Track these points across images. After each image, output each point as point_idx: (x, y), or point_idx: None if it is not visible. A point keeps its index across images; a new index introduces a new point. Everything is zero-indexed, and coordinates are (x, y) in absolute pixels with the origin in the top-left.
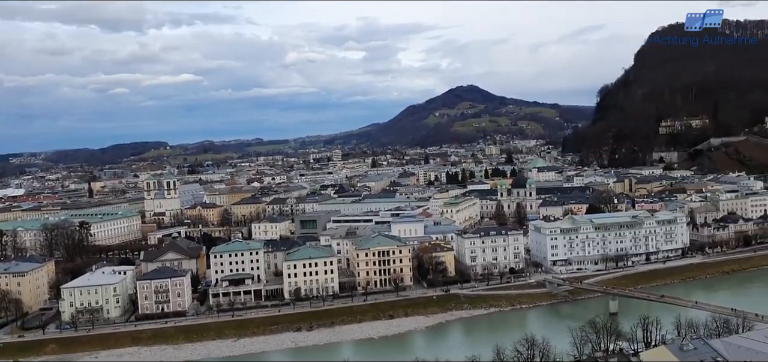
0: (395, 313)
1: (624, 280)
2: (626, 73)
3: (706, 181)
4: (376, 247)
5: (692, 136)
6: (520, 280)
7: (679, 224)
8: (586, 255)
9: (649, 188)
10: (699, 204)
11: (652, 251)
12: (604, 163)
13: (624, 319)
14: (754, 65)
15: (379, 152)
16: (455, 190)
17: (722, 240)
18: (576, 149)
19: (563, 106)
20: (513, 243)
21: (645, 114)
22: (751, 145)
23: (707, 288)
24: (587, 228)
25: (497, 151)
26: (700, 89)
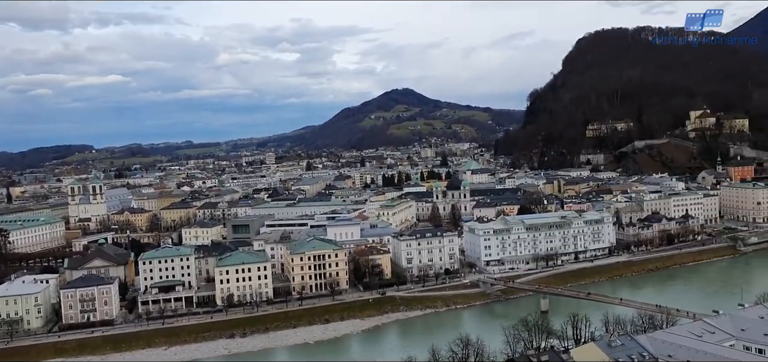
0: (331, 317)
1: (554, 279)
2: (555, 77)
3: (631, 182)
4: (311, 251)
5: (617, 138)
6: (455, 281)
7: (606, 224)
8: (518, 255)
9: (577, 189)
10: (624, 204)
11: (580, 250)
12: (535, 165)
13: (555, 317)
14: (675, 71)
15: (314, 155)
16: (391, 193)
17: (646, 239)
18: (508, 152)
19: (495, 110)
20: (448, 244)
21: (573, 117)
22: (673, 147)
23: (633, 286)
24: (519, 228)
25: (432, 154)
26: (624, 94)
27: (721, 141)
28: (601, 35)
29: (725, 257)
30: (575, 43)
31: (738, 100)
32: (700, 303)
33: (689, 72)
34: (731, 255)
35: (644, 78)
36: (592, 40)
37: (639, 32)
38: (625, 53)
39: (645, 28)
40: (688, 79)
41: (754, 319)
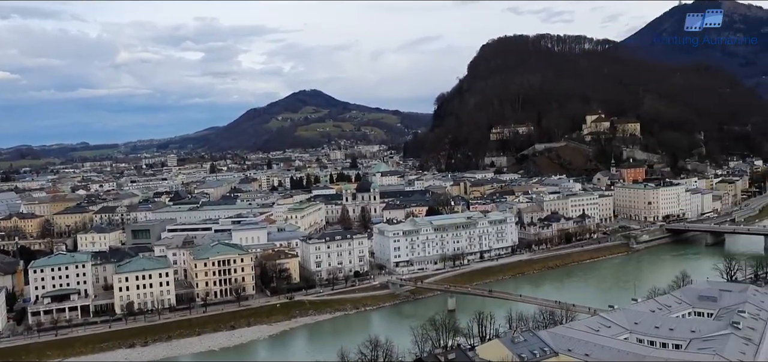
0: (237, 323)
1: (461, 278)
2: (461, 82)
3: (532, 183)
4: (215, 256)
5: (519, 141)
6: (365, 283)
7: (509, 224)
8: (427, 256)
9: (482, 190)
10: (526, 205)
11: (485, 249)
12: (442, 167)
13: (461, 315)
14: (572, 77)
15: (218, 157)
16: (300, 195)
17: (547, 238)
18: (416, 154)
19: (404, 113)
20: (358, 246)
21: (478, 121)
22: (571, 150)
23: (534, 283)
24: (427, 229)
25: (342, 156)
26: (525, 99)
27: (615, 144)
28: (504, 42)
29: (619, 254)
30: (480, 49)
31: (630, 106)
32: (596, 298)
33: (585, 78)
34: (625, 252)
35: (544, 84)
36: (495, 47)
37: (539, 40)
38: (526, 60)
39: (545, 35)
40: (583, 85)
41: (646, 313)
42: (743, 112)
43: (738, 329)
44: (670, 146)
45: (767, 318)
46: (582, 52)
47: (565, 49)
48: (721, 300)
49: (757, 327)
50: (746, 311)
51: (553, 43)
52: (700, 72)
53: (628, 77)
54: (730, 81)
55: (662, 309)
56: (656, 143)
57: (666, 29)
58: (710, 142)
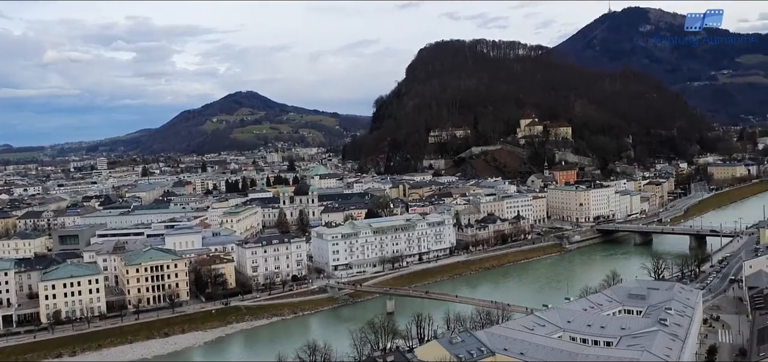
0: (171, 330)
1: (400, 280)
2: (399, 85)
3: (469, 185)
4: (148, 262)
5: (456, 144)
6: (302, 287)
7: (447, 225)
8: (366, 259)
9: (421, 193)
10: (463, 206)
11: (424, 251)
12: (381, 169)
13: (400, 318)
14: (507, 82)
15: (150, 160)
16: (235, 199)
17: (483, 239)
18: (355, 156)
19: (343, 115)
20: (296, 250)
21: (416, 124)
22: (506, 153)
23: (472, 283)
24: (366, 232)
25: (279, 159)
26: (462, 103)
27: (548, 147)
28: (441, 46)
29: (552, 254)
30: (417, 53)
31: (562, 110)
32: (531, 297)
33: (519, 83)
34: (558, 252)
35: (480, 87)
36: (433, 51)
37: (475, 45)
38: (463, 64)
39: (480, 41)
40: (518, 90)
41: (579, 312)
42: (669, 117)
43: (665, 326)
44: (600, 149)
45: (692, 315)
46: (516, 58)
47: (500, 54)
48: (650, 299)
49: (683, 324)
50: (673, 308)
51: (489, 48)
52: (627, 78)
53: (560, 82)
54: (657, 86)
55: (594, 308)
56: (587, 146)
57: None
58: (638, 146)
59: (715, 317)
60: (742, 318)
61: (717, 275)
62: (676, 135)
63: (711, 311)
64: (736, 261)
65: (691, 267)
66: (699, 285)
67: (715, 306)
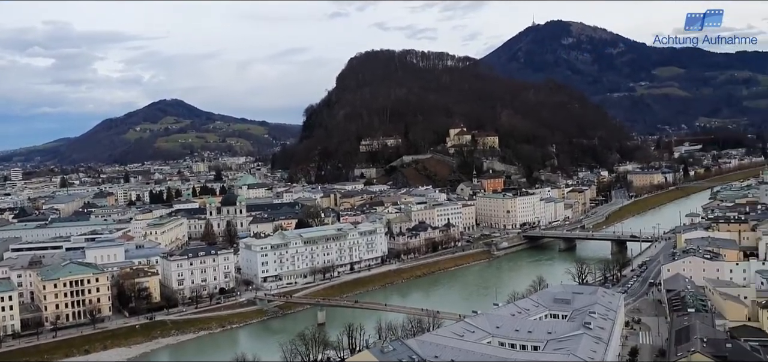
0: (92, 348)
1: (331, 290)
2: (329, 94)
3: (400, 194)
4: (66, 277)
5: (388, 153)
6: (231, 300)
7: (379, 234)
8: (296, 270)
9: (352, 202)
10: (395, 215)
11: (355, 261)
12: (312, 179)
13: (331, 328)
14: (436, 92)
15: (70, 170)
16: (160, 210)
17: (415, 247)
18: (285, 166)
19: (272, 124)
20: (223, 262)
21: (347, 133)
22: (436, 161)
23: (403, 292)
24: (297, 242)
25: (205, 168)
26: (393, 112)
27: (476, 156)
28: (371, 56)
29: (482, 261)
30: (348, 62)
31: (489, 120)
32: (461, 304)
33: (448, 93)
34: (486, 259)
35: (410, 97)
36: (363, 60)
37: (405, 55)
38: (393, 74)
39: (410, 51)
40: (447, 100)
41: (507, 317)
42: (590, 127)
43: (589, 329)
44: (526, 158)
45: (615, 318)
46: (445, 68)
47: (429, 64)
48: (574, 303)
49: (606, 327)
50: (596, 312)
51: (418, 59)
52: (551, 89)
53: (487, 93)
54: (579, 98)
55: (521, 313)
56: (513, 155)
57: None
58: (561, 154)
59: (637, 320)
60: (661, 320)
61: (637, 279)
62: (597, 144)
63: (632, 314)
64: (654, 266)
65: (612, 271)
66: (620, 288)
67: (636, 309)
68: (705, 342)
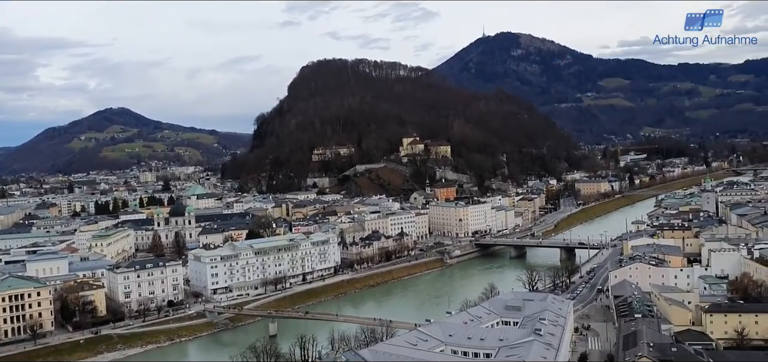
0: None
1: (283, 302)
2: (281, 103)
3: (354, 203)
4: (5, 291)
5: (341, 163)
6: (179, 313)
7: (332, 244)
8: (247, 281)
9: (305, 212)
10: (348, 224)
11: (308, 271)
12: (263, 188)
13: (283, 340)
14: (388, 101)
15: (9, 180)
16: (106, 221)
17: (368, 257)
18: (235, 175)
19: (222, 133)
20: (171, 274)
21: (299, 142)
22: (389, 170)
23: (356, 302)
24: (247, 254)
25: (153, 178)
26: (346, 121)
27: (429, 165)
28: (323, 65)
29: (435, 269)
30: (300, 71)
31: (441, 129)
32: (414, 313)
33: (401, 103)
34: (439, 267)
35: (363, 106)
36: (315, 69)
37: (357, 64)
38: (346, 83)
39: (362, 60)
40: (400, 109)
41: (459, 325)
42: (539, 136)
43: (540, 335)
44: (477, 167)
45: (564, 324)
46: (397, 78)
47: (382, 74)
48: (525, 309)
49: (556, 333)
50: (546, 318)
51: (371, 68)
52: (501, 99)
53: (440, 103)
54: (528, 108)
55: (474, 320)
56: (465, 164)
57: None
58: (511, 163)
59: (587, 326)
60: (609, 326)
61: (586, 285)
62: (546, 153)
63: (581, 320)
64: (602, 272)
65: (562, 278)
66: (570, 295)
67: (584, 315)
68: (651, 347)
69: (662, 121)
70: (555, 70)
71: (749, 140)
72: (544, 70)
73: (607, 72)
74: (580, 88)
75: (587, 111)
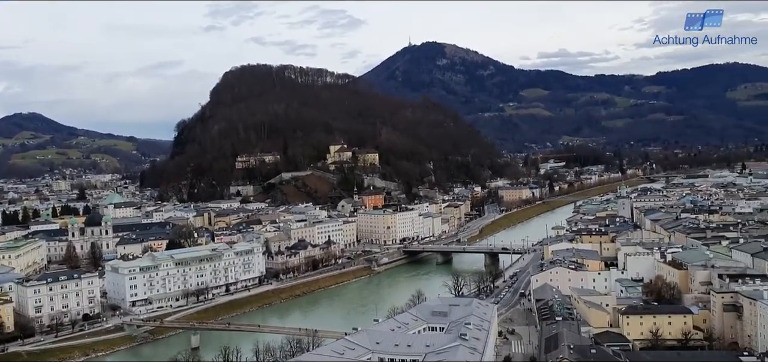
0: None
1: (205, 313)
2: (203, 108)
3: (279, 212)
4: None
5: (266, 170)
6: (96, 326)
7: (256, 254)
8: (168, 292)
9: (228, 221)
10: (273, 233)
11: (231, 282)
12: (184, 197)
13: (206, 352)
14: (315, 108)
15: None
16: (15, 232)
17: (294, 266)
18: (155, 184)
19: (141, 139)
20: (87, 287)
21: (222, 149)
22: (316, 178)
23: (282, 312)
24: (168, 264)
25: (67, 187)
26: (271, 128)
27: (357, 173)
28: (247, 70)
29: (362, 277)
30: (223, 76)
31: (369, 137)
32: (342, 321)
33: (328, 110)
34: (367, 275)
35: (289, 113)
36: (239, 75)
37: (283, 70)
38: (271, 89)
39: (288, 66)
40: (327, 116)
41: (387, 332)
42: (464, 145)
43: (465, 340)
44: (405, 174)
45: (489, 328)
46: (324, 85)
47: (308, 80)
48: (451, 315)
49: (481, 337)
50: (471, 323)
51: (297, 74)
52: (427, 108)
53: (367, 110)
54: (453, 116)
55: (401, 327)
56: (393, 172)
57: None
58: (438, 171)
59: (511, 331)
60: (531, 329)
61: (509, 290)
62: (470, 161)
63: (505, 323)
64: (524, 277)
65: (486, 283)
66: (494, 299)
67: (508, 318)
68: (572, 349)
69: (580, 129)
70: (479, 80)
71: (661, 148)
72: (468, 80)
73: (528, 83)
74: (503, 98)
75: (509, 120)
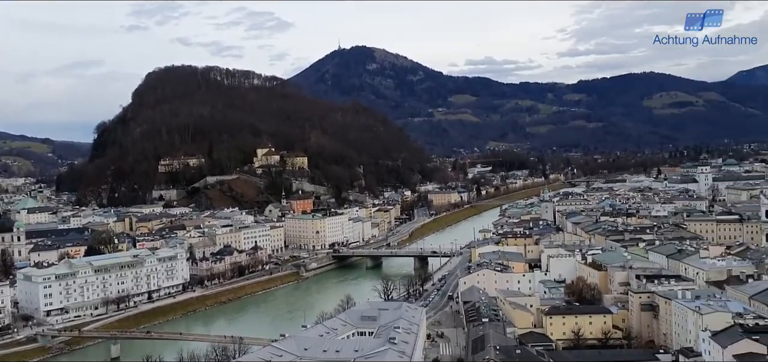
0: None
1: (127, 322)
2: (125, 110)
3: (204, 216)
4: None
5: (190, 174)
6: (6, 338)
7: (180, 260)
8: (86, 301)
9: (150, 226)
10: (198, 239)
11: (154, 289)
12: (104, 201)
13: None
14: (242, 110)
15: None
16: None
17: (219, 272)
18: (73, 188)
19: (57, 142)
20: None
21: (144, 152)
22: (242, 182)
23: (207, 319)
24: (86, 271)
25: None
26: (195, 130)
27: (285, 177)
28: (171, 71)
29: (290, 283)
30: (145, 77)
31: (298, 140)
32: (269, 328)
33: (255, 112)
34: (295, 281)
35: (214, 115)
36: (162, 75)
37: (208, 72)
38: (196, 91)
39: (213, 68)
40: (254, 119)
41: (315, 338)
42: (394, 149)
43: (394, 344)
44: (335, 178)
45: (417, 331)
46: (251, 87)
47: (235, 82)
48: (380, 319)
49: (410, 341)
50: (400, 327)
51: (223, 76)
52: (357, 112)
53: (295, 113)
54: (383, 121)
55: (329, 333)
56: (322, 176)
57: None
58: (368, 175)
59: (440, 333)
60: (459, 331)
61: (438, 292)
62: (400, 165)
63: (434, 326)
64: (452, 279)
65: (415, 286)
66: (423, 302)
67: (437, 321)
68: (498, 350)
69: (506, 135)
70: (408, 86)
71: (582, 154)
72: (398, 85)
73: (456, 88)
74: (432, 103)
75: (438, 125)
